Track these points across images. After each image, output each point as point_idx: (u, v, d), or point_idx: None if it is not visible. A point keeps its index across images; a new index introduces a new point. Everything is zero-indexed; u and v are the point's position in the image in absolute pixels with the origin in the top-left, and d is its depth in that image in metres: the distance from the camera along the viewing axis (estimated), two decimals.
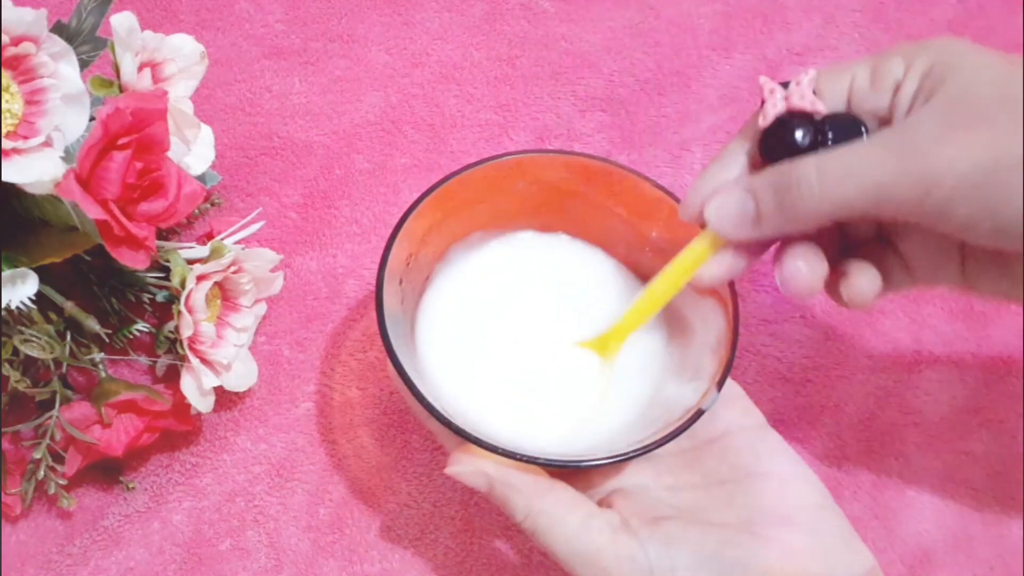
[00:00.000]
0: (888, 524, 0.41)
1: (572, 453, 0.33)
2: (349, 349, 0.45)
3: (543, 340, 0.38)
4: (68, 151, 0.34)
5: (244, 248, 0.42)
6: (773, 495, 0.33)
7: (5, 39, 0.32)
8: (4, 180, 0.32)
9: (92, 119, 0.35)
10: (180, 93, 0.40)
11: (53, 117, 0.34)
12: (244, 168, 0.49)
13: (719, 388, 0.33)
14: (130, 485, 0.42)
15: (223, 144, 0.49)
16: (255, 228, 0.46)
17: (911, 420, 0.43)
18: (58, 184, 0.33)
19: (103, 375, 0.41)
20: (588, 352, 0.38)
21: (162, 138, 0.36)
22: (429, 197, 0.37)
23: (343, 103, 0.50)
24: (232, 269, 0.40)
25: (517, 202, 0.40)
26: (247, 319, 0.42)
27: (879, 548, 0.40)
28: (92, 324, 0.39)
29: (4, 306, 0.35)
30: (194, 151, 0.41)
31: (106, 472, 0.42)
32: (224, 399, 0.43)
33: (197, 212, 0.47)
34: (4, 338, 0.37)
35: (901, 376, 0.43)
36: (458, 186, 0.37)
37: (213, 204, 0.47)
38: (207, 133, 0.43)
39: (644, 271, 0.39)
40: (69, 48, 0.34)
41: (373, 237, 0.47)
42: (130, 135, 0.35)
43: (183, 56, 0.40)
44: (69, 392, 0.40)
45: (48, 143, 0.34)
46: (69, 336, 0.40)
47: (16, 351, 0.37)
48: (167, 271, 0.40)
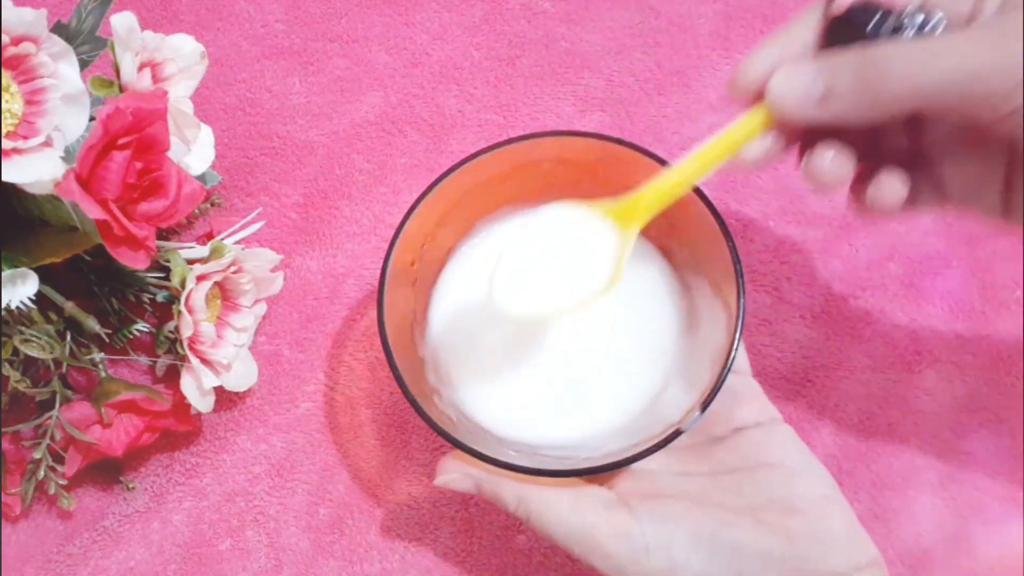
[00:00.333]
0: (888, 524, 0.41)
1: (559, 449, 0.33)
2: (349, 349, 0.45)
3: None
4: (68, 151, 0.34)
5: (244, 248, 0.42)
6: (781, 485, 0.33)
7: (5, 39, 0.32)
8: (4, 180, 0.32)
9: (92, 119, 0.35)
10: (180, 93, 0.40)
11: (53, 117, 0.33)
12: (244, 168, 0.49)
13: (703, 410, 0.32)
14: (130, 485, 0.42)
15: (223, 144, 0.49)
16: (255, 228, 0.46)
17: (911, 420, 0.42)
18: (58, 184, 0.33)
19: (103, 375, 0.41)
20: (603, 232, 0.35)
21: (162, 138, 0.36)
22: (430, 194, 0.37)
23: (343, 103, 0.50)
24: (232, 269, 0.40)
25: (542, 180, 0.39)
26: (247, 319, 0.42)
27: (879, 548, 0.40)
28: (92, 324, 0.39)
29: (4, 306, 0.35)
30: (194, 151, 0.41)
31: (106, 472, 0.42)
32: (224, 399, 0.43)
33: (197, 212, 0.47)
34: (4, 338, 0.37)
35: (901, 376, 0.43)
36: (461, 177, 0.37)
37: (213, 204, 0.47)
38: (207, 133, 0.43)
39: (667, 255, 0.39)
40: (69, 48, 0.34)
41: (373, 237, 0.47)
42: (130, 135, 0.35)
43: (183, 56, 0.40)
44: (69, 392, 0.40)
45: (48, 143, 0.34)
46: (69, 336, 0.40)
47: (16, 351, 0.37)
48: (167, 271, 0.40)
